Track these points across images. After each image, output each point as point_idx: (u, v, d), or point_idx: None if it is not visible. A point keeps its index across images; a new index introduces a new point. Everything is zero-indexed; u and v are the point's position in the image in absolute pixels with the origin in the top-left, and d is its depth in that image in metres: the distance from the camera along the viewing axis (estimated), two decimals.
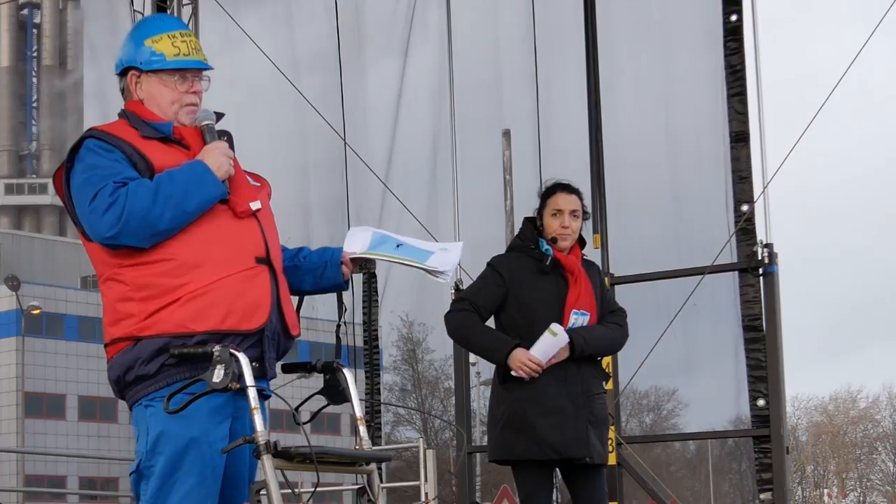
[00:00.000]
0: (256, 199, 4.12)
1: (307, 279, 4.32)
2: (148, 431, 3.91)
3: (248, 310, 3.96)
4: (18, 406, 49.65)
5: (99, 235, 3.92)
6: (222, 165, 4.03)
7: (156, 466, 3.89)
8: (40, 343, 50.81)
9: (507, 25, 11.91)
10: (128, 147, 4.01)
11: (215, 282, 3.93)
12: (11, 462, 46.21)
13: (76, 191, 3.98)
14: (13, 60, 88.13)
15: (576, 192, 5.73)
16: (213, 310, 3.90)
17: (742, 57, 9.70)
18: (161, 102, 4.14)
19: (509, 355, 5.48)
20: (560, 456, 5.48)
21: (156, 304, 3.90)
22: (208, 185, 3.97)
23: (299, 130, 12.17)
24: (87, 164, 3.98)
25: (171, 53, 4.14)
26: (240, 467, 4.04)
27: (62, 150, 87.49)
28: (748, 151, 9.68)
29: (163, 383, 3.89)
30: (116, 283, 3.98)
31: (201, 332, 3.88)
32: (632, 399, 38.63)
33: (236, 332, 3.93)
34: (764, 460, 9.38)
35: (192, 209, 3.94)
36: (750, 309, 9.54)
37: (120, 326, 3.96)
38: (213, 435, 3.88)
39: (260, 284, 4.01)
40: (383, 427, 11.31)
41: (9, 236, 65.37)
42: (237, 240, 4.02)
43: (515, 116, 12.18)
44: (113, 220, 3.86)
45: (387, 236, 4.50)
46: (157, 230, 3.90)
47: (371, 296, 11.36)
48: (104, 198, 3.88)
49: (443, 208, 11.53)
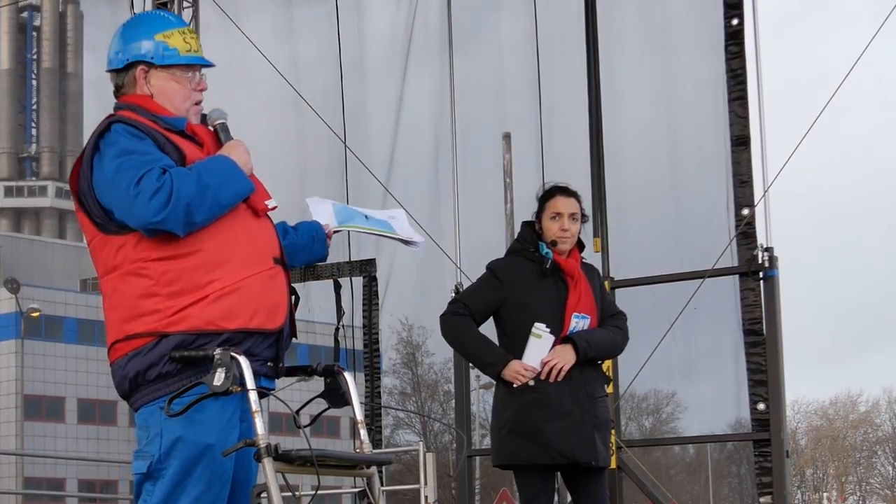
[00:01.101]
0: (271, 197, 4.12)
1: (298, 257, 4.34)
2: (162, 433, 3.85)
3: (272, 309, 3.96)
4: (18, 408, 49.61)
5: (143, 220, 3.80)
6: (247, 162, 4.03)
7: (168, 470, 3.86)
8: (40, 346, 50.75)
9: (509, 29, 11.91)
10: (159, 136, 3.95)
11: (243, 279, 3.91)
12: (10, 465, 46.16)
13: (111, 176, 3.86)
14: (13, 63, 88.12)
15: (574, 194, 5.73)
16: (243, 308, 3.88)
17: (743, 61, 9.70)
18: (174, 98, 4.09)
19: (506, 367, 5.49)
20: (567, 460, 5.47)
21: (185, 299, 3.85)
22: (240, 180, 3.96)
23: (299, 133, 12.16)
24: (120, 148, 3.88)
25: (184, 49, 4.11)
26: (246, 472, 4.03)
27: (62, 152, 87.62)
28: (749, 155, 9.69)
29: (181, 384, 3.82)
30: (139, 277, 3.88)
31: (231, 330, 3.85)
32: (632, 402, 38.60)
33: (262, 330, 3.92)
34: (764, 464, 9.37)
35: (227, 202, 3.92)
36: (750, 313, 9.54)
37: (141, 322, 3.87)
38: (227, 442, 3.86)
39: (279, 284, 4.02)
40: (383, 430, 11.29)
41: (8, 238, 65.32)
42: (258, 239, 4.02)
43: (516, 120, 12.18)
44: (160, 204, 3.77)
45: (349, 209, 4.63)
46: (195, 220, 3.84)
47: (371, 299, 11.35)
48: (151, 182, 3.78)
49: (444, 211, 11.53)
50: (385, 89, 12.17)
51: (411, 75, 12.03)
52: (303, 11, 12.32)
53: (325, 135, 11.50)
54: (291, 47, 12.24)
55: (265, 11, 12.46)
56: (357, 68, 12.05)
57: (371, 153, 11.81)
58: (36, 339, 50.31)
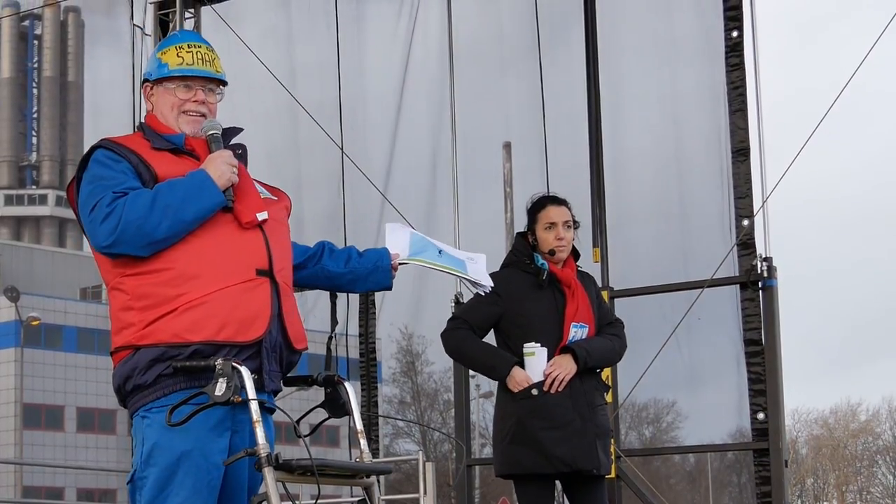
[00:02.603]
0: (264, 209, 4.13)
1: (359, 285, 4.40)
2: (143, 442, 3.94)
3: (245, 322, 3.97)
4: (17, 417, 49.58)
5: (97, 245, 3.98)
6: (224, 174, 4.04)
7: (149, 478, 3.91)
8: (39, 354, 50.74)
9: (510, 39, 11.92)
10: (134, 157, 4.06)
11: (212, 293, 3.94)
12: (9, 473, 46.10)
13: (81, 201, 4.05)
14: (14, 71, 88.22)
15: (564, 202, 5.76)
16: (209, 321, 3.92)
17: (743, 72, 9.74)
18: (163, 109, 4.22)
19: (509, 374, 5.51)
20: (570, 469, 5.49)
21: (154, 313, 3.93)
22: (207, 194, 3.99)
23: (296, 142, 12.16)
24: (92, 174, 4.04)
25: (175, 63, 4.22)
26: (239, 479, 4.04)
27: (62, 161, 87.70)
28: (749, 166, 9.71)
29: (160, 393, 3.91)
30: (119, 292, 4.02)
31: (196, 343, 3.90)
32: (631, 412, 38.59)
33: (232, 343, 3.94)
34: (763, 473, 9.39)
35: (191, 218, 3.97)
36: (751, 322, 9.56)
37: (121, 335, 4.00)
38: (209, 448, 3.89)
39: (259, 296, 4.01)
40: (381, 440, 11.31)
41: (8, 247, 65.35)
42: (238, 251, 4.03)
43: (517, 130, 12.19)
44: (109, 229, 3.92)
45: (425, 240, 4.57)
46: (154, 239, 3.93)
47: (368, 308, 11.36)
48: (102, 208, 3.94)
49: (442, 220, 11.53)
50: (384, 98, 12.18)
51: (410, 84, 12.04)
52: (302, 19, 12.33)
53: (323, 143, 11.51)
54: (290, 55, 12.25)
55: (265, 20, 12.47)
56: (356, 77, 12.06)
57: (369, 161, 11.81)
58: (35, 347, 50.30)
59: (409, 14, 11.95)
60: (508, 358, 5.56)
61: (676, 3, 10.96)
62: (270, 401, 4.09)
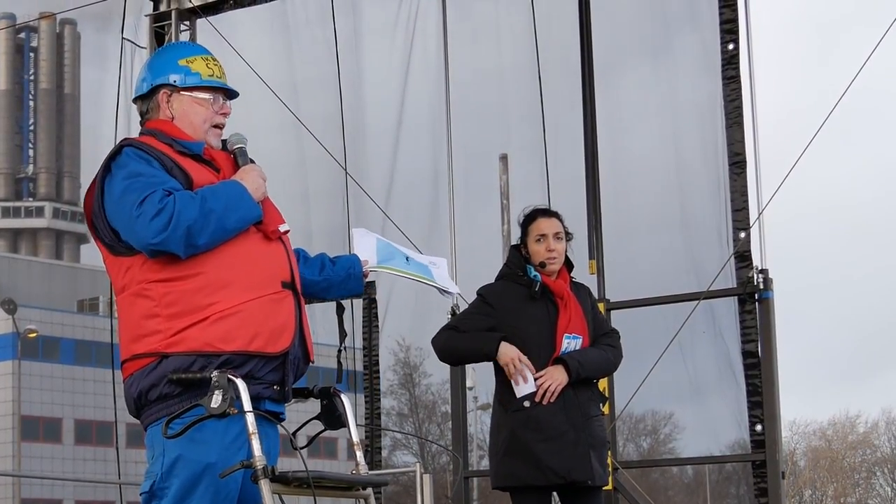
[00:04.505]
0: (284, 222, 4.16)
1: (332, 292, 4.42)
2: (164, 453, 3.91)
3: (275, 333, 3.98)
4: (15, 430, 49.50)
5: (144, 241, 3.89)
6: (259, 188, 4.07)
7: (170, 489, 3.90)
8: (37, 366, 50.72)
9: (509, 52, 11.93)
10: (167, 160, 4.03)
11: (244, 303, 3.94)
12: (7, 486, 46.02)
13: (118, 197, 3.96)
14: (10, 84, 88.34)
15: (555, 214, 5.78)
16: (241, 331, 3.92)
17: (739, 85, 9.76)
18: (194, 120, 4.18)
19: (498, 349, 5.49)
20: (564, 480, 5.49)
21: (184, 321, 3.90)
22: (247, 206, 4.00)
23: (301, 157, 12.16)
24: (130, 170, 3.97)
25: (206, 73, 4.23)
26: (252, 491, 4.04)
27: (59, 173, 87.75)
28: (745, 178, 9.73)
29: (186, 403, 3.87)
30: (143, 298, 3.96)
31: (229, 352, 3.89)
32: (629, 423, 38.57)
33: (262, 353, 3.95)
34: (761, 485, 9.38)
35: (231, 227, 3.96)
36: (748, 335, 9.56)
37: (143, 343, 3.94)
38: (230, 461, 3.87)
39: (285, 308, 4.03)
40: (381, 451, 11.29)
41: (5, 259, 65.34)
42: (266, 263, 4.04)
43: (515, 142, 12.21)
44: (161, 226, 3.85)
45: (391, 246, 4.66)
46: (197, 243, 3.90)
47: (371, 321, 11.37)
48: (153, 203, 3.87)
49: (443, 234, 11.53)
50: (384, 113, 12.19)
51: (410, 98, 12.05)
52: (302, 35, 12.34)
53: (327, 158, 11.52)
54: (291, 71, 12.26)
55: (264, 35, 12.47)
56: (356, 92, 12.07)
57: (370, 177, 11.82)
58: (33, 359, 50.28)
59: (405, 27, 11.96)
60: (493, 336, 5.54)
61: (673, 15, 10.99)
62: (283, 413, 4.12)
